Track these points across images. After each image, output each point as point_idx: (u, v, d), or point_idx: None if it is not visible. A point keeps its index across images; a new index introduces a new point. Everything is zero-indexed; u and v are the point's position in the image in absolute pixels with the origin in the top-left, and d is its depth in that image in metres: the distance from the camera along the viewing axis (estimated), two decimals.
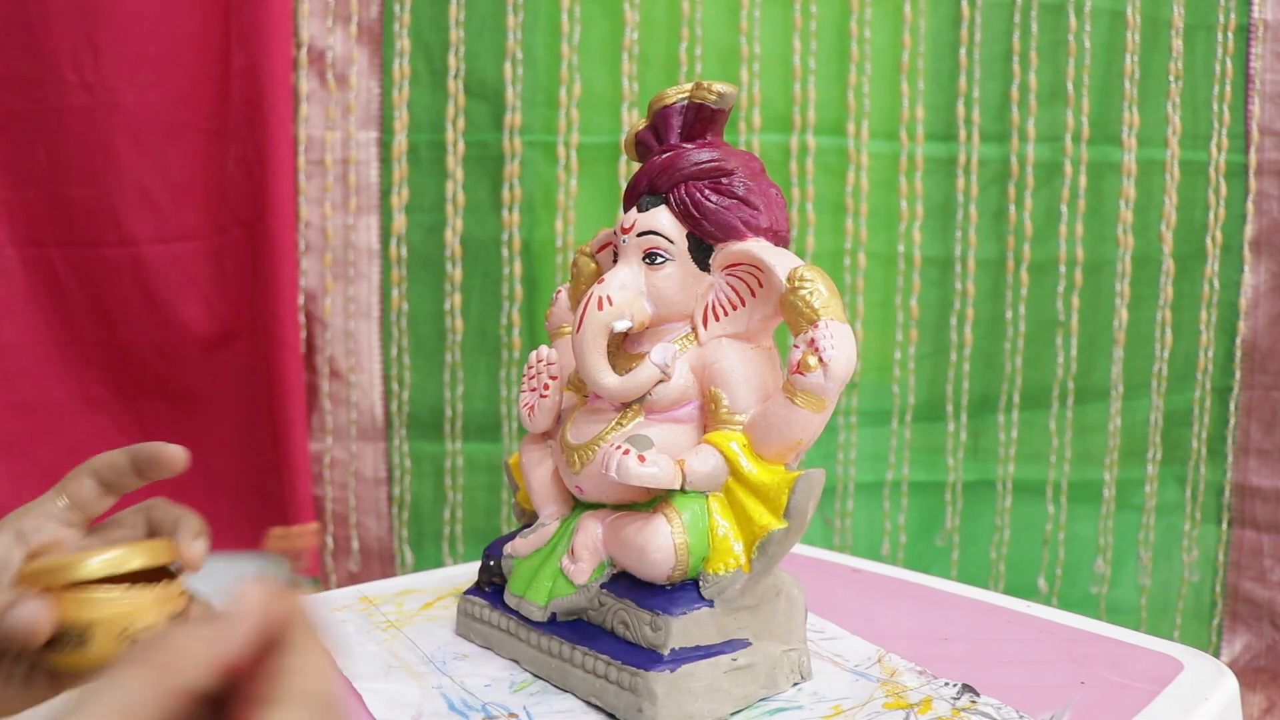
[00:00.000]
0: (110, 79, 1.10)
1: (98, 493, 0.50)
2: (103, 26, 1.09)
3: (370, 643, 0.62)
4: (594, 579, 0.54)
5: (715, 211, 0.53)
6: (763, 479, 0.50)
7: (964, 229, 1.17)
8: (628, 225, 0.55)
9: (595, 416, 0.56)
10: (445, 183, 1.14)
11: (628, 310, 0.54)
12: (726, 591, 0.50)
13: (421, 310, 1.17)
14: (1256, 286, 1.17)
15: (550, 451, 0.61)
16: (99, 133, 1.11)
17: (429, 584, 0.76)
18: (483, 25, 1.12)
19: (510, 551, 0.60)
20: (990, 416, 1.20)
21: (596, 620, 0.54)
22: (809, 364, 0.47)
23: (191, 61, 1.11)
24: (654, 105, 0.56)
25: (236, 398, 1.18)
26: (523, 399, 0.62)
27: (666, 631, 0.49)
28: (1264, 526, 1.17)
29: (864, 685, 0.56)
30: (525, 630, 0.57)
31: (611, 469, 0.48)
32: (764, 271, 0.52)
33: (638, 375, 0.53)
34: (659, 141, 0.57)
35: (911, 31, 1.14)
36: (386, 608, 0.70)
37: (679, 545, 0.49)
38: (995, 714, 0.52)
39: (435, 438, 1.18)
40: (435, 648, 0.62)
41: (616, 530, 0.53)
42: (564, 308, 0.66)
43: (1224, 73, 1.15)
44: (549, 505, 0.61)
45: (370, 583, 0.75)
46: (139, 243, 1.13)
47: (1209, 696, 0.54)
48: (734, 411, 0.51)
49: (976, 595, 0.74)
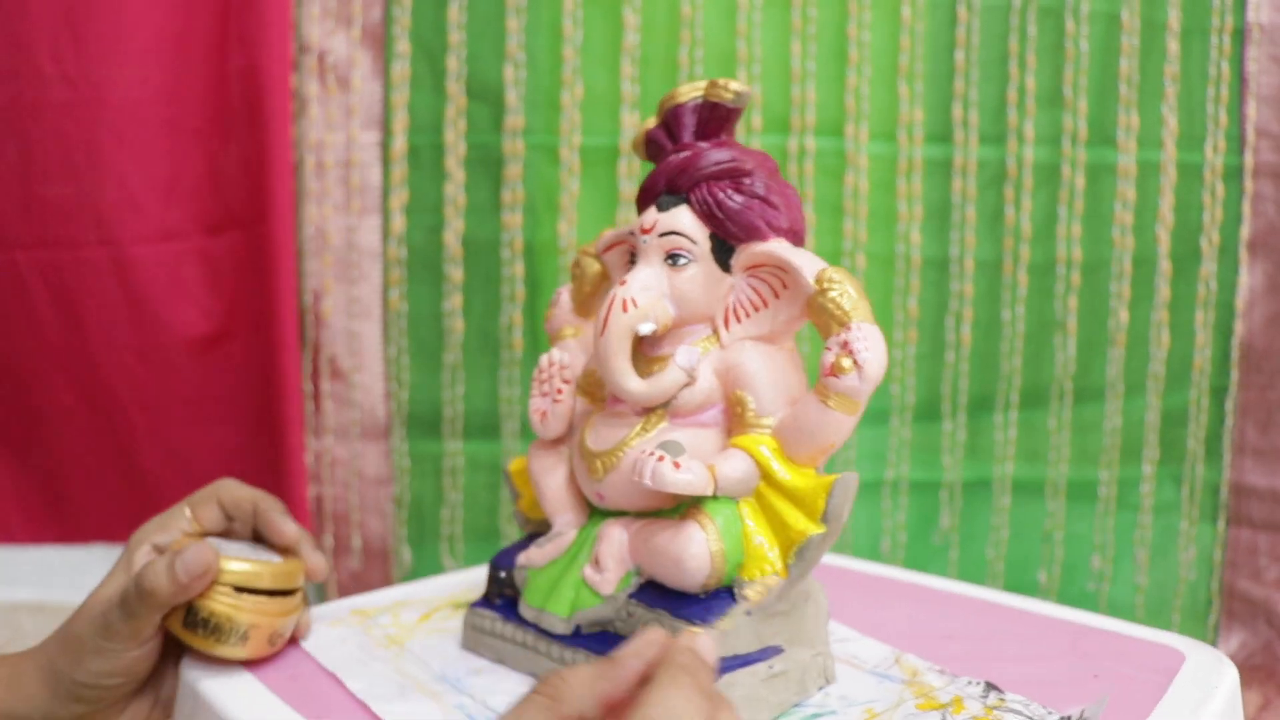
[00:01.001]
0: (93, 73, 1.06)
1: (220, 520, 0.59)
2: (85, 19, 1.05)
3: (375, 661, 0.60)
4: (621, 589, 0.53)
5: (738, 212, 0.52)
6: (797, 483, 0.49)
7: (961, 230, 1.17)
8: (648, 225, 0.54)
9: (617, 421, 0.55)
10: (446, 184, 1.14)
11: (652, 313, 0.52)
12: (764, 598, 0.49)
13: (423, 310, 1.16)
14: (1253, 287, 1.18)
15: (562, 458, 0.60)
16: (80, 129, 1.08)
17: (421, 594, 0.74)
18: (484, 28, 1.12)
19: (525, 562, 0.59)
20: (988, 416, 1.20)
21: (624, 631, 0.53)
22: (843, 366, 0.47)
23: (180, 57, 1.09)
24: (666, 103, 0.55)
25: (229, 399, 1.17)
26: (533, 404, 0.60)
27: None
28: (1260, 525, 1.18)
29: (889, 687, 0.56)
30: (545, 643, 0.55)
31: (646, 475, 0.47)
32: (789, 273, 0.51)
33: (663, 379, 0.52)
34: (672, 140, 0.56)
35: (909, 34, 1.14)
36: (383, 620, 0.67)
37: (714, 552, 0.49)
38: (1024, 710, 0.52)
39: (436, 437, 1.18)
40: (445, 663, 0.60)
41: (646, 538, 0.52)
42: (566, 309, 0.65)
43: (1220, 75, 1.16)
44: (564, 514, 0.59)
45: (361, 595, 0.73)
46: (122, 243, 1.10)
47: (1219, 685, 0.55)
48: (761, 415, 0.51)
49: (974, 593, 0.74)
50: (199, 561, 0.52)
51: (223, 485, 0.60)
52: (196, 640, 0.54)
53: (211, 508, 0.59)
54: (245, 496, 0.59)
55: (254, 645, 0.56)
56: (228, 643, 0.54)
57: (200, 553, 0.52)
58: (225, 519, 0.59)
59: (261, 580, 0.55)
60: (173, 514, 0.59)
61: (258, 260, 1.11)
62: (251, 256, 1.12)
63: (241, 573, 0.55)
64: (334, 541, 1.19)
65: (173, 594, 0.52)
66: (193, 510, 0.59)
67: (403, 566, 1.20)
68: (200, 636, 0.54)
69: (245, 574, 0.55)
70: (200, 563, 0.52)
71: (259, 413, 1.15)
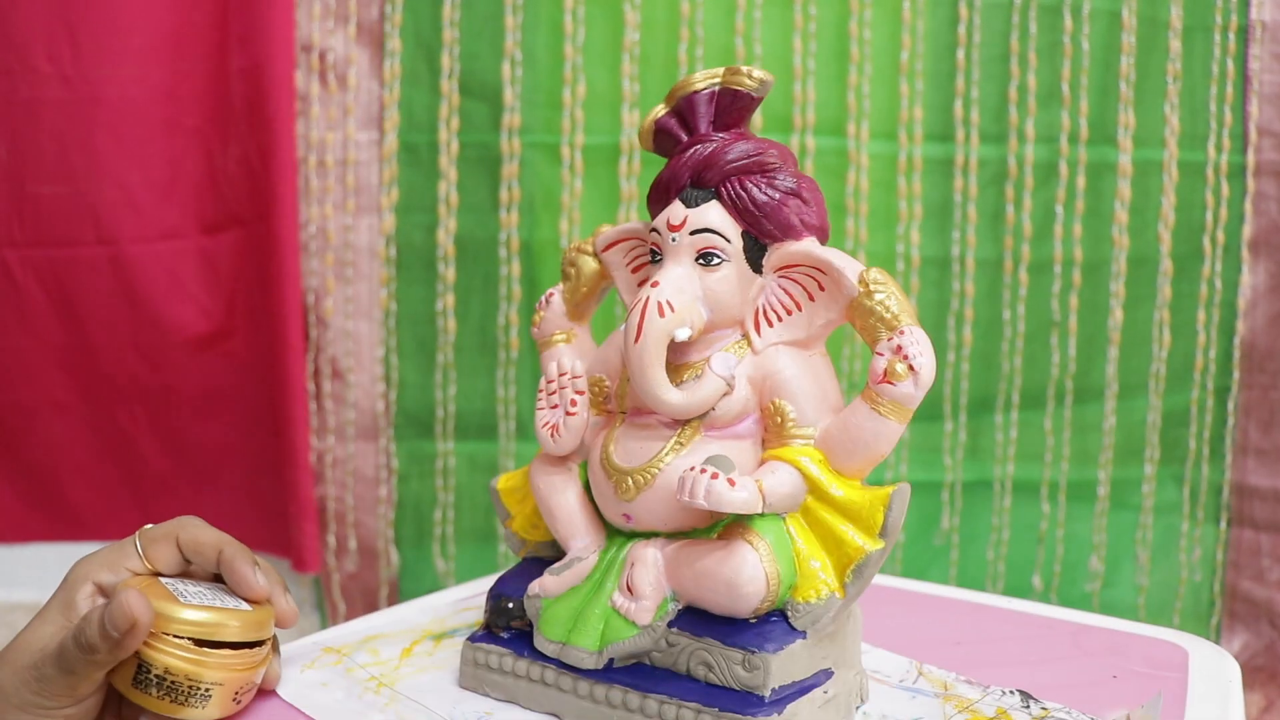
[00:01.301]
0: (90, 72, 1.06)
1: (176, 561, 0.51)
2: (82, 18, 1.04)
3: (370, 710, 0.53)
4: (659, 617, 0.48)
5: (774, 208, 0.49)
6: (851, 497, 0.46)
7: (962, 229, 1.16)
8: (677, 222, 0.50)
9: (646, 434, 0.51)
10: (440, 183, 1.12)
11: (688, 317, 0.49)
12: (820, 620, 0.46)
13: (420, 310, 1.15)
14: (1255, 287, 1.18)
15: (573, 475, 0.55)
16: (76, 127, 1.07)
17: (392, 626, 0.67)
18: (482, 26, 1.11)
19: (538, 591, 0.53)
20: (988, 416, 1.19)
21: (664, 663, 0.49)
22: (898, 372, 0.45)
23: (178, 56, 1.08)
24: (678, 91, 0.51)
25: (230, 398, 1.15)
26: (541, 418, 0.54)
27: (765, 670, 0.45)
28: (1262, 526, 1.18)
29: (926, 702, 0.54)
30: (571, 679, 0.50)
31: (700, 495, 0.43)
32: (828, 274, 0.48)
33: (701, 389, 0.48)
34: (687, 131, 0.51)
35: (910, 32, 1.13)
36: (361, 658, 0.60)
37: (769, 574, 0.45)
38: (1068, 718, 0.51)
39: (432, 437, 1.17)
40: (449, 707, 0.53)
41: (689, 562, 0.48)
42: (558, 312, 0.60)
43: (1222, 74, 1.16)
44: (579, 538, 0.53)
45: (326, 630, 0.67)
46: (119, 241, 1.10)
47: (1231, 679, 0.56)
48: (802, 424, 0.48)
49: (965, 597, 0.74)
50: (123, 617, 0.44)
51: (183, 524, 0.52)
52: (150, 702, 0.47)
53: (168, 547, 0.51)
54: (208, 541, 0.51)
55: (218, 704, 0.48)
56: (188, 704, 0.47)
57: (123, 605, 0.44)
58: (183, 561, 0.51)
59: (226, 632, 0.47)
60: (122, 549, 0.51)
61: (259, 259, 1.10)
62: (252, 255, 1.11)
63: (200, 623, 0.47)
64: (335, 542, 1.18)
65: (109, 650, 0.44)
66: (145, 547, 0.51)
67: (391, 567, 1.18)
68: (154, 698, 0.47)
69: (205, 625, 0.47)
70: (124, 618, 0.44)
71: (261, 412, 1.14)
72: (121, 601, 0.44)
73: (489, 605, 0.55)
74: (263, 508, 1.16)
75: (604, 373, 0.56)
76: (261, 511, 1.16)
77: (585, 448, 0.55)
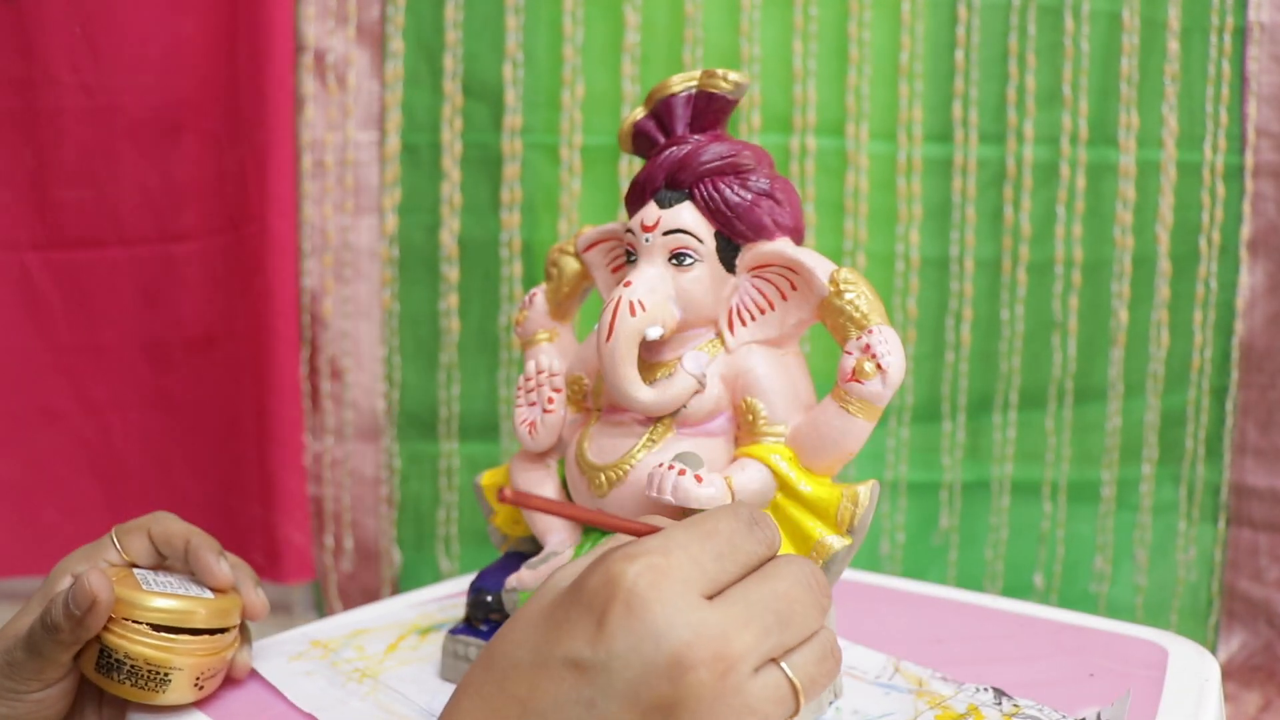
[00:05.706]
0: (110, 81, 1.08)
1: (150, 553, 0.54)
2: (101, 30, 1.07)
3: (353, 698, 0.55)
4: None
5: (746, 208, 0.50)
6: (819, 494, 0.47)
7: (961, 230, 1.16)
8: (650, 223, 0.50)
9: (619, 432, 0.52)
10: (442, 183, 1.13)
11: (660, 316, 0.50)
12: None
13: (422, 310, 1.16)
14: (1253, 287, 1.17)
15: (551, 472, 0.56)
16: (98, 134, 1.09)
17: (378, 621, 0.68)
18: (482, 27, 1.12)
19: (515, 585, 0.54)
20: (987, 416, 1.20)
21: None
22: (866, 371, 0.46)
23: (191, 63, 1.10)
24: (656, 94, 0.52)
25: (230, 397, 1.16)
26: (519, 415, 0.56)
27: None
28: (1260, 526, 1.18)
29: (899, 699, 0.55)
30: None
31: (667, 491, 0.45)
32: (800, 274, 0.49)
33: (672, 387, 0.50)
34: (664, 133, 0.52)
35: (909, 33, 1.13)
36: (347, 653, 0.62)
37: None
38: (1040, 715, 0.52)
39: (432, 438, 1.17)
40: (429, 697, 0.55)
41: None
42: (541, 311, 0.61)
43: (1220, 75, 1.15)
44: (556, 533, 0.55)
45: (314, 623, 0.68)
46: (139, 243, 1.12)
47: (1209, 679, 0.55)
48: (773, 422, 0.49)
49: (950, 595, 0.74)
50: (84, 595, 0.46)
51: (156, 518, 0.54)
52: (111, 686, 0.49)
53: (141, 538, 0.53)
54: (177, 532, 0.53)
55: (179, 689, 0.50)
56: (148, 688, 0.49)
57: (84, 584, 0.46)
58: (156, 553, 0.54)
59: (187, 619, 0.49)
60: (100, 543, 0.53)
61: (259, 259, 1.11)
62: (253, 256, 1.11)
63: (161, 609, 0.49)
64: (334, 542, 1.18)
65: (72, 629, 0.47)
66: (121, 540, 0.53)
67: (393, 568, 1.19)
68: (115, 681, 0.49)
69: (166, 611, 0.49)
70: (85, 596, 0.46)
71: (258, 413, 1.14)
72: (83, 581, 0.47)
73: (469, 598, 0.57)
74: (257, 508, 1.16)
75: (583, 371, 0.57)
76: (248, 519, 1.16)
77: (563, 444, 0.56)
